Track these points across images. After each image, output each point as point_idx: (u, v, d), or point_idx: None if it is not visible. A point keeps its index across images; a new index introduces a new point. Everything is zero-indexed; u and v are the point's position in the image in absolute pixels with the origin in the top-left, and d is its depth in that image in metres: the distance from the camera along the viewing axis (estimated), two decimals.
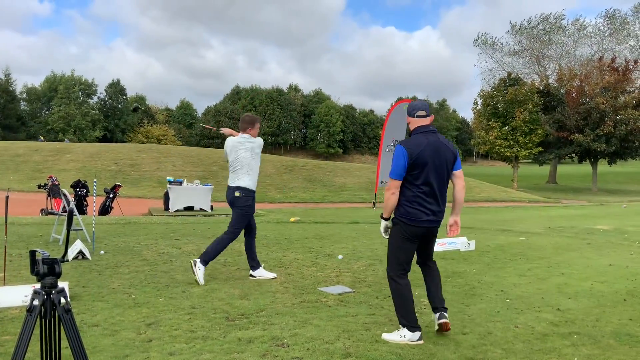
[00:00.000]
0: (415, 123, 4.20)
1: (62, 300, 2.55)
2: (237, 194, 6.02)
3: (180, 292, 5.54)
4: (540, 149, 42.08)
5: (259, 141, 6.17)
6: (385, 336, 4.19)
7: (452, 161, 4.19)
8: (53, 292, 2.51)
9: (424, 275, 4.58)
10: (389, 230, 4.35)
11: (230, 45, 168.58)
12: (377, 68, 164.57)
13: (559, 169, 55.93)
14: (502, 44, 53.37)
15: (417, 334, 4.11)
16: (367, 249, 8.59)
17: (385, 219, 4.34)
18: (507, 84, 43.22)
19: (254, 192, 6.11)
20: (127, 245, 8.36)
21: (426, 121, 4.19)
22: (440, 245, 8.58)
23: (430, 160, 4.03)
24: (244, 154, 6.04)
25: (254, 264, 6.28)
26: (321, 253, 8.09)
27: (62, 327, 2.55)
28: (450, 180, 4.27)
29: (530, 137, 41.21)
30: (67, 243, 2.66)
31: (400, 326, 4.17)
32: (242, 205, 6.04)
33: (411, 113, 4.22)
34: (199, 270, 5.86)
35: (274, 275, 6.31)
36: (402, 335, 4.12)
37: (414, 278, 6.45)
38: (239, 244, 8.12)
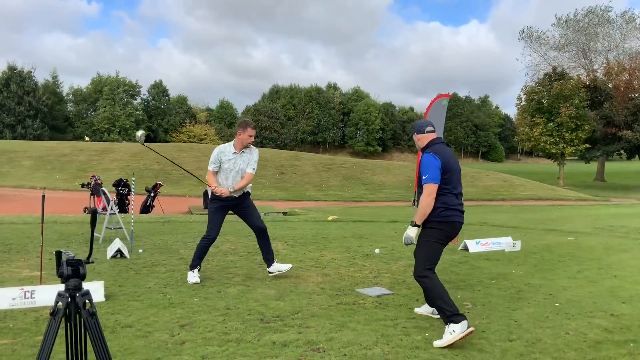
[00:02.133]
0: (427, 138, 4.49)
1: (87, 303, 2.46)
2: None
3: (216, 292, 5.46)
4: (587, 145, 40.70)
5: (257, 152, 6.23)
6: (438, 343, 3.99)
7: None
8: (77, 294, 2.42)
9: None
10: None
11: (275, 44, 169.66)
12: (421, 64, 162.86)
13: (607, 166, 53.98)
14: (547, 37, 51.75)
15: (464, 322, 4.00)
16: (406, 249, 8.34)
17: (419, 226, 4.38)
18: (553, 79, 41.95)
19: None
20: (165, 244, 8.37)
21: (435, 135, 4.54)
22: (484, 245, 8.27)
23: (455, 166, 4.40)
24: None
25: (269, 257, 6.18)
26: (359, 253, 7.91)
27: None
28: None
29: (576, 133, 39.88)
30: (92, 243, 2.56)
31: (447, 325, 4.02)
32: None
33: (420, 130, 4.54)
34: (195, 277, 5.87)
35: (289, 265, 6.23)
36: (452, 331, 3.96)
37: (456, 280, 6.21)
38: (275, 243, 8.04)
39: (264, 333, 4.18)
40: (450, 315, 4.03)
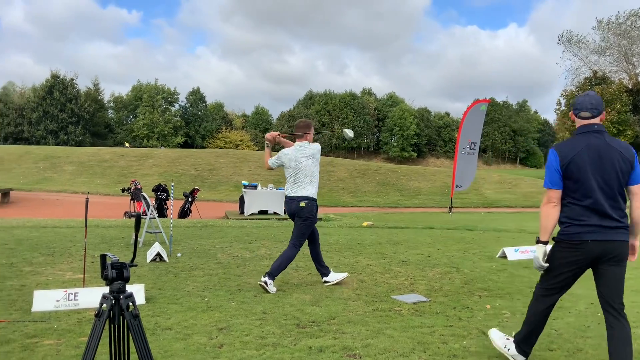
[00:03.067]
0: (578, 123, 3.48)
1: (131, 305, 2.53)
2: (302, 204, 5.81)
3: (252, 296, 5.52)
4: None
5: (317, 147, 5.99)
6: (493, 334, 3.90)
7: (626, 170, 3.32)
8: (121, 297, 2.49)
9: (607, 335, 3.38)
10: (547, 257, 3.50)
11: (311, 50, 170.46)
12: (458, 69, 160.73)
13: None
14: (587, 41, 50.56)
15: (522, 358, 3.67)
16: (443, 255, 8.27)
17: (544, 243, 3.46)
18: (593, 83, 40.98)
19: (316, 200, 5.96)
20: (203, 248, 8.50)
21: (591, 121, 3.41)
22: (523, 253, 8.12)
23: (589, 167, 3.30)
24: (305, 162, 5.89)
25: (324, 271, 6.14)
26: (395, 259, 7.87)
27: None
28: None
29: (619, 138, 38.82)
30: (135, 247, 2.63)
31: (513, 337, 3.75)
32: (307, 215, 5.84)
33: (574, 112, 3.48)
34: (271, 287, 5.74)
35: (345, 274, 6.22)
36: (507, 347, 3.74)
37: (494, 288, 6.10)
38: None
39: (300, 338, 4.20)
40: (520, 344, 3.66)
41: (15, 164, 32.31)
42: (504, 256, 8.05)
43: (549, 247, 3.49)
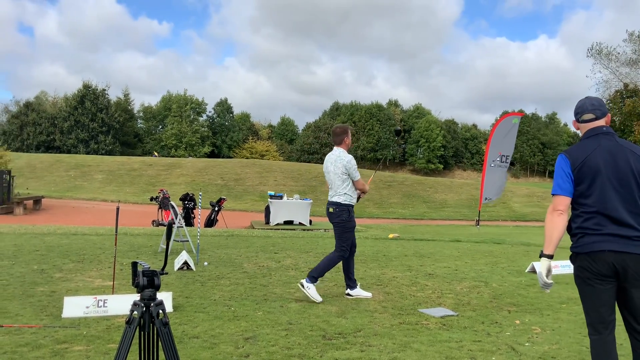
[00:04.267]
0: (583, 129, 3.21)
1: (160, 313, 2.55)
2: (330, 209, 5.99)
3: (278, 306, 5.52)
4: None
5: (347, 158, 5.97)
6: None
7: None
8: (152, 304, 2.52)
9: (633, 358, 3.13)
10: (551, 273, 3.15)
11: (339, 61, 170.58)
12: (486, 80, 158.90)
13: None
14: (618, 53, 49.65)
15: None
16: (470, 269, 8.16)
17: (548, 256, 3.11)
18: (625, 96, 40.20)
19: (350, 206, 5.99)
20: (229, 257, 8.55)
21: (597, 124, 3.17)
22: (553, 268, 7.94)
23: (603, 170, 3.00)
24: (333, 169, 6.01)
25: (351, 283, 6.12)
26: (421, 272, 7.79)
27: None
28: None
29: None
30: (167, 255, 2.66)
31: None
32: (337, 220, 5.95)
33: (576, 117, 3.25)
34: (310, 290, 5.78)
35: (369, 294, 6.12)
36: None
37: (524, 303, 5.99)
38: None
39: (327, 350, 4.18)
40: None
41: (46, 172, 33.06)
42: (533, 271, 7.90)
43: (556, 262, 3.24)
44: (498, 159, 11.58)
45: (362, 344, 4.36)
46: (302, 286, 5.81)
